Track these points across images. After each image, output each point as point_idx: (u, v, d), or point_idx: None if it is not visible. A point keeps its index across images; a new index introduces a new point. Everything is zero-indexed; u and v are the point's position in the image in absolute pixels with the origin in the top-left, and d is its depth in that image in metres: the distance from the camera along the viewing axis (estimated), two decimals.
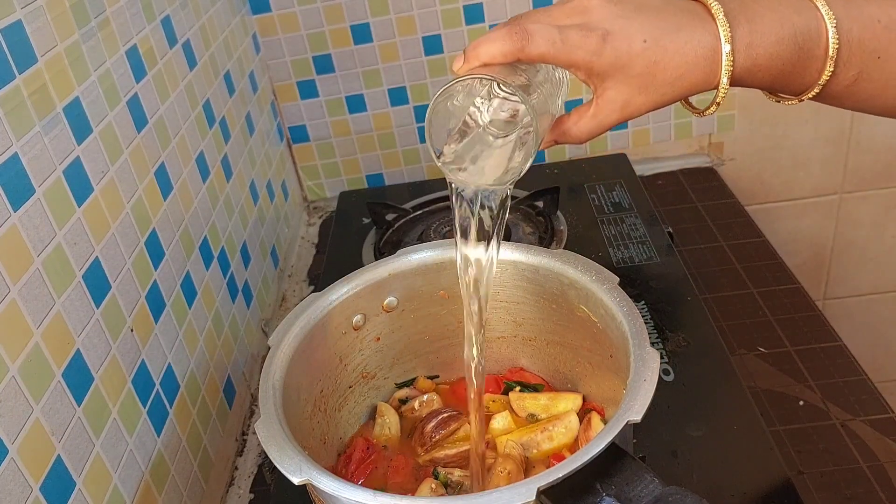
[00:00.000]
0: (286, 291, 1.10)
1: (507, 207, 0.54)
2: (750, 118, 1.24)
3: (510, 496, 0.45)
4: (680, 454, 0.69)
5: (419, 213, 1.11)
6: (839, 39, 0.50)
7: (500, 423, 0.66)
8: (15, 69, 0.55)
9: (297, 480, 0.49)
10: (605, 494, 0.46)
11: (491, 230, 0.55)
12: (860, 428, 0.76)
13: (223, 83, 0.98)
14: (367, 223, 1.11)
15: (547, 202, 1.05)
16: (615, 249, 0.98)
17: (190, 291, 0.78)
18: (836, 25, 0.50)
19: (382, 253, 1.03)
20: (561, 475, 0.46)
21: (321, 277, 1.05)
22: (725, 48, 0.50)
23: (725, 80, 0.51)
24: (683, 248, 1.04)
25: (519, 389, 0.70)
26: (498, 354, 0.74)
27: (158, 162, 0.75)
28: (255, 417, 0.87)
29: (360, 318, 0.68)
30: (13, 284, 0.51)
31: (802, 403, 0.79)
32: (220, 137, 0.94)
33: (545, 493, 0.46)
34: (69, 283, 0.57)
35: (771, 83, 0.53)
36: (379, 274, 0.68)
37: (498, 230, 0.55)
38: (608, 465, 0.47)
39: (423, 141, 1.26)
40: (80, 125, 0.62)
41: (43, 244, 0.55)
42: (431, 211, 1.11)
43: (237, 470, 0.83)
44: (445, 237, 1.02)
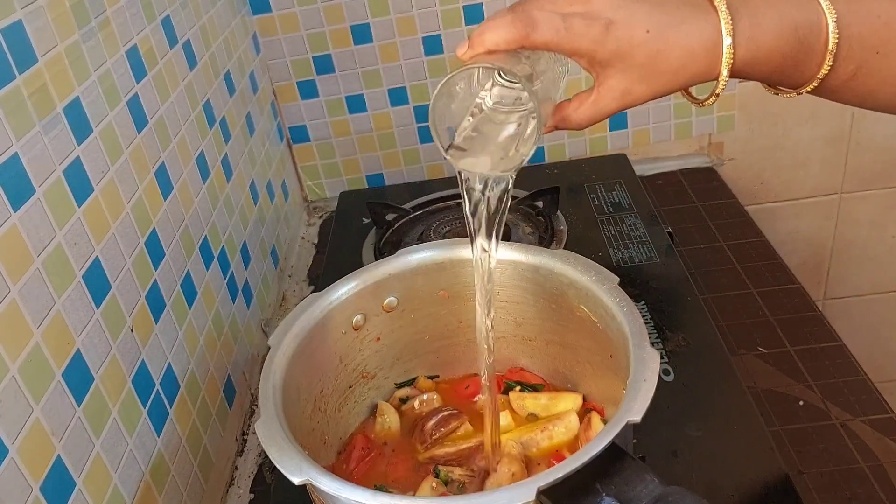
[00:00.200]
0: (286, 291, 1.10)
1: (507, 200, 0.55)
2: (750, 118, 1.24)
3: (510, 496, 0.45)
4: (680, 454, 0.69)
5: (419, 213, 1.11)
6: (839, 34, 0.51)
7: (500, 422, 0.66)
8: (15, 69, 0.55)
9: (297, 480, 0.49)
10: (605, 494, 0.46)
11: (493, 225, 0.55)
12: (860, 428, 0.76)
13: (223, 83, 0.98)
14: (367, 223, 1.11)
15: (547, 202, 1.05)
16: (615, 249, 0.98)
17: (190, 291, 0.78)
18: (836, 20, 0.51)
19: (382, 253, 1.02)
20: (561, 475, 0.46)
21: (321, 277, 1.05)
22: (727, 41, 0.51)
23: (726, 72, 0.51)
24: (683, 248, 1.04)
25: (519, 389, 0.71)
26: (498, 354, 0.73)
27: (158, 162, 0.75)
28: (255, 417, 0.87)
29: (360, 318, 0.68)
30: (13, 284, 0.51)
31: (802, 403, 0.79)
32: (220, 137, 0.94)
33: (545, 493, 0.46)
34: (69, 283, 0.57)
35: (770, 75, 0.54)
36: (379, 274, 0.69)
37: (498, 226, 0.55)
38: (608, 465, 0.47)
39: (423, 141, 1.26)
40: (80, 125, 0.62)
41: (43, 244, 0.55)
42: (431, 211, 1.11)
43: (237, 470, 0.83)
44: (445, 237, 1.02)
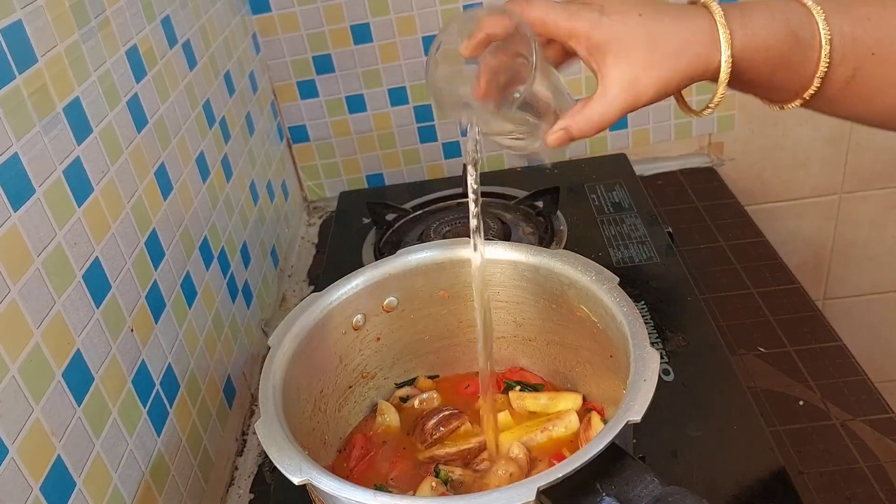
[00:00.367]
0: (286, 291, 1.10)
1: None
2: (750, 118, 1.24)
3: (510, 496, 0.45)
4: (680, 454, 0.69)
5: (419, 213, 1.11)
6: (830, 32, 0.52)
7: (500, 421, 0.66)
8: (15, 69, 0.55)
9: (297, 480, 0.49)
10: (605, 494, 0.46)
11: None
12: (860, 428, 0.76)
13: (223, 83, 0.98)
14: (367, 223, 1.11)
15: (547, 202, 1.05)
16: (615, 249, 0.98)
17: (190, 291, 0.78)
18: (825, 18, 0.52)
19: (382, 253, 1.02)
20: (561, 475, 0.46)
21: (321, 277, 1.05)
22: (721, 23, 0.52)
23: (727, 52, 0.52)
24: (683, 248, 1.04)
25: (519, 389, 0.71)
26: (498, 354, 0.74)
27: (158, 162, 0.75)
28: (255, 417, 0.87)
29: (360, 318, 0.68)
30: (13, 284, 0.51)
31: (802, 403, 0.79)
32: (220, 137, 0.94)
33: (545, 492, 0.46)
34: (69, 283, 0.57)
35: (770, 74, 0.54)
36: (379, 274, 0.68)
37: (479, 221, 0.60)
38: (608, 465, 0.47)
39: (423, 141, 1.26)
40: (80, 125, 0.62)
41: (43, 244, 0.55)
42: (431, 211, 1.11)
43: (237, 470, 0.83)
44: (445, 237, 1.02)
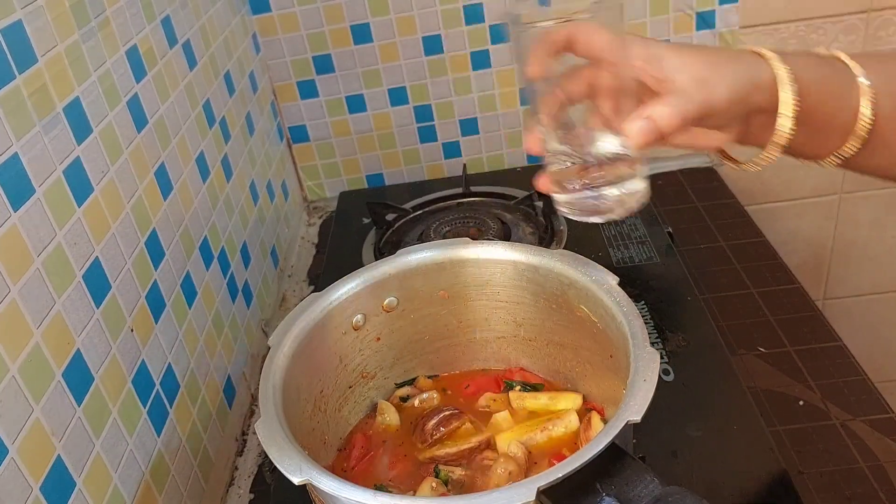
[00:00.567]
0: (286, 291, 1.10)
1: None
2: None
3: (510, 496, 0.45)
4: (680, 454, 0.69)
5: (419, 213, 1.11)
6: (869, 82, 0.54)
7: (500, 421, 0.66)
8: (15, 69, 0.55)
9: (297, 480, 0.49)
10: (605, 494, 0.46)
11: None
12: (860, 428, 0.76)
13: (223, 83, 0.98)
14: (367, 223, 1.11)
15: (547, 202, 1.04)
16: (615, 249, 0.98)
17: (190, 291, 0.78)
18: (851, 57, 0.56)
19: (382, 253, 1.02)
20: (561, 475, 0.46)
21: (321, 277, 1.05)
22: (774, 56, 0.54)
23: (782, 70, 0.53)
24: (683, 248, 1.04)
25: (519, 389, 0.71)
26: (498, 354, 0.74)
27: (158, 162, 0.75)
28: (255, 417, 0.87)
29: (360, 318, 0.68)
30: (13, 284, 0.51)
31: (802, 403, 0.79)
32: (220, 137, 0.94)
33: (545, 492, 0.46)
34: (69, 283, 0.57)
35: (818, 105, 0.55)
36: (379, 274, 0.68)
37: None
38: (608, 465, 0.47)
39: (423, 141, 1.26)
40: (80, 125, 0.62)
41: (43, 244, 0.55)
42: (431, 211, 1.11)
43: (237, 470, 0.83)
44: (445, 237, 1.02)
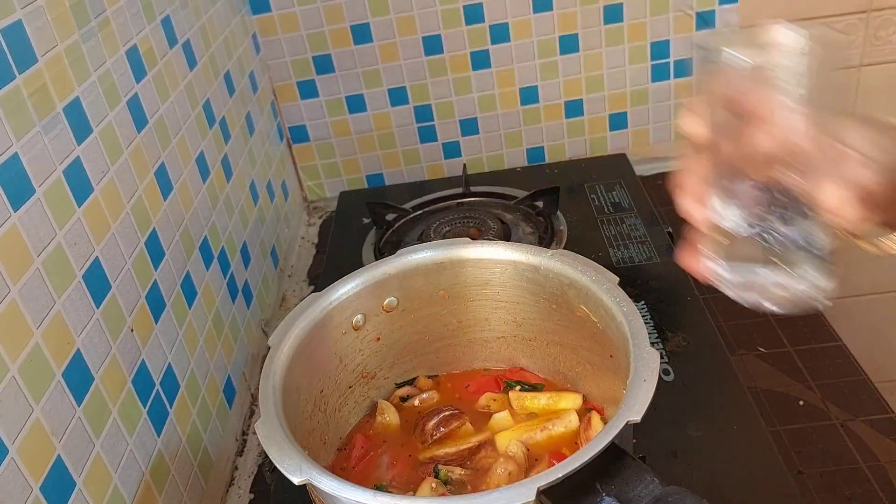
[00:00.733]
0: (286, 291, 1.10)
1: None
2: None
3: (510, 496, 0.45)
4: (680, 454, 0.69)
5: (419, 213, 1.11)
6: None
7: (500, 421, 0.66)
8: (15, 69, 0.55)
9: (297, 480, 0.49)
10: (605, 494, 0.46)
11: None
12: (860, 428, 0.76)
13: (223, 83, 0.98)
14: (367, 223, 1.11)
15: (547, 202, 1.05)
16: (615, 249, 0.98)
17: (190, 291, 0.78)
18: None
19: (382, 253, 1.02)
20: (561, 475, 0.46)
21: (321, 277, 1.05)
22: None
23: None
24: None
25: (519, 389, 0.71)
26: (498, 354, 0.74)
27: (158, 162, 0.75)
28: (255, 417, 0.87)
29: (360, 318, 0.68)
30: (13, 284, 0.51)
31: (802, 403, 0.79)
32: (220, 137, 0.94)
33: (545, 492, 0.46)
34: (69, 283, 0.57)
35: None
36: (379, 274, 0.68)
37: None
38: (608, 465, 0.47)
39: (423, 141, 1.26)
40: (80, 125, 0.62)
41: (43, 244, 0.55)
42: (431, 211, 1.11)
43: (237, 470, 0.83)
44: (445, 237, 1.02)
